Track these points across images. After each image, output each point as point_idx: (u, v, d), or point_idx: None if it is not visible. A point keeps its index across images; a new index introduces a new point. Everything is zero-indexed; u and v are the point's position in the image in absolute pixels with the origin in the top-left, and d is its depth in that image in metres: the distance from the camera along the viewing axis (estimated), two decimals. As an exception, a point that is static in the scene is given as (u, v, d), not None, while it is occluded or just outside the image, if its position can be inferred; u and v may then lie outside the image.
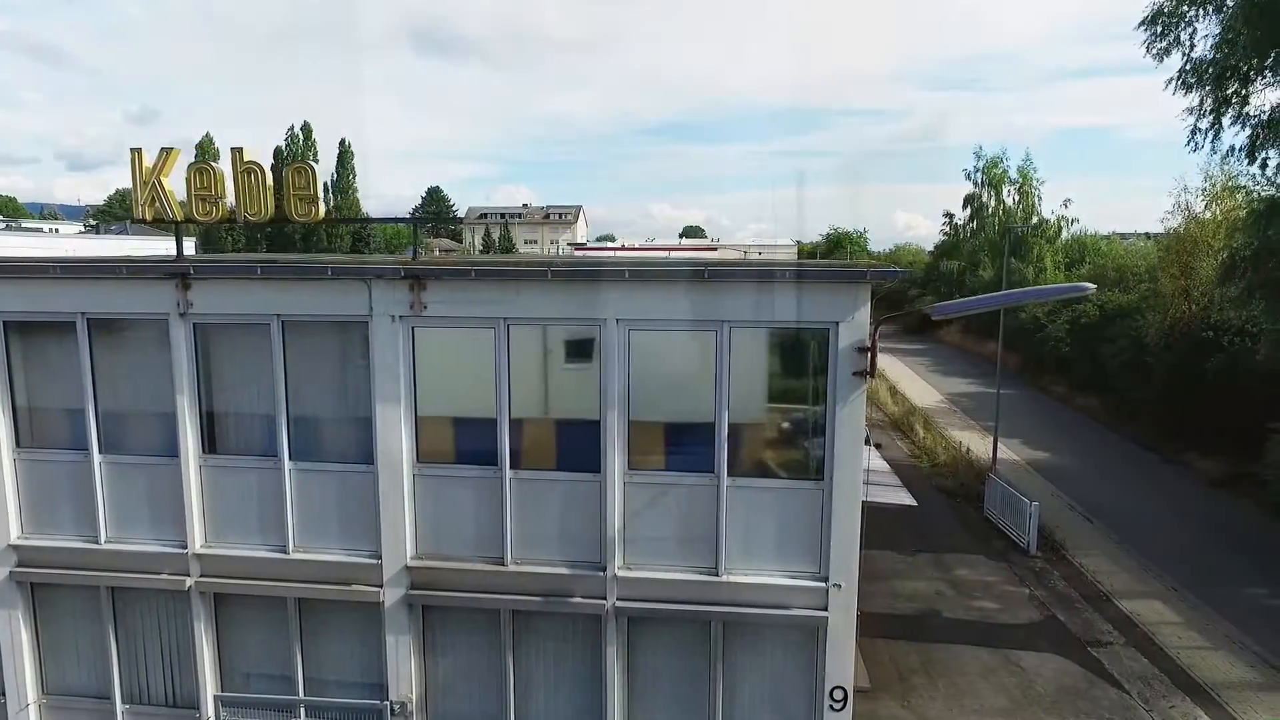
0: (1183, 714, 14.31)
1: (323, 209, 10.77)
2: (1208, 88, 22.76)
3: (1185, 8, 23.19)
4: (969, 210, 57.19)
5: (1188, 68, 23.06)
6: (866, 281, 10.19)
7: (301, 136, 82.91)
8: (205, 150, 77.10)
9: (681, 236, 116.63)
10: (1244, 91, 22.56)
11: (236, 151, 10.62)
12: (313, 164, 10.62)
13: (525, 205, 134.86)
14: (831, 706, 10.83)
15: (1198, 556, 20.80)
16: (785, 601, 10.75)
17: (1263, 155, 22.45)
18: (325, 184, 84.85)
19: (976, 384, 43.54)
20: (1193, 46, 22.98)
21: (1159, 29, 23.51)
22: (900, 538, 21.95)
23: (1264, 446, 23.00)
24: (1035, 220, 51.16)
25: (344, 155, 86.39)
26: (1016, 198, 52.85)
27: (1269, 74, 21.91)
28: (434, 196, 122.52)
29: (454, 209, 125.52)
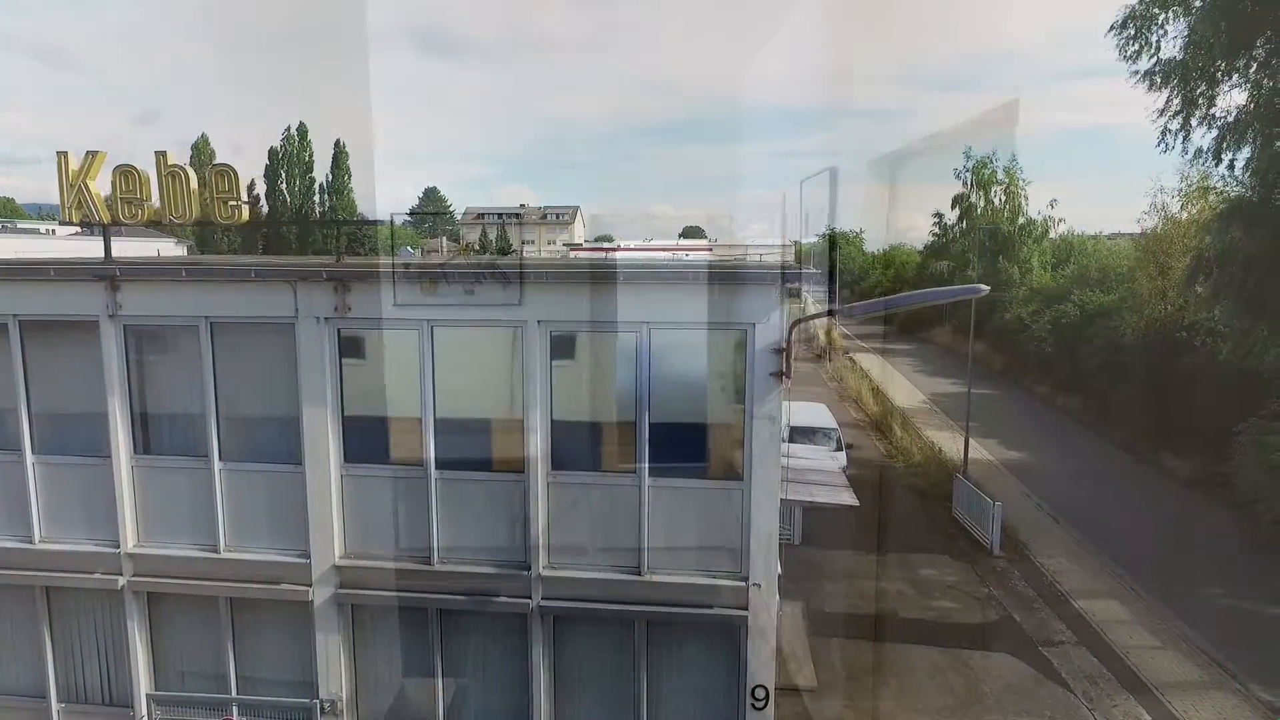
0: (1125, 713, 14.33)
1: (246, 212, 10.86)
2: (1174, 88, 22.86)
3: (1155, 10, 23.28)
4: (958, 211, 57.06)
5: (1155, 69, 23.17)
6: (781, 283, 10.26)
7: (297, 138, 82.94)
8: (201, 150, 77.41)
9: (681, 237, 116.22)
10: (1211, 93, 22.63)
11: (160, 155, 10.73)
12: (234, 168, 10.69)
13: (523, 206, 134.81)
14: (753, 705, 10.89)
15: (1160, 556, 20.77)
16: (706, 600, 10.81)
17: (1229, 157, 22.53)
18: (320, 185, 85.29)
19: (960, 384, 43.40)
20: (1159, 49, 23.12)
21: (1131, 33, 23.62)
22: (866, 538, 21.98)
23: (1231, 447, 22.99)
24: (1022, 220, 51.12)
25: (339, 156, 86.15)
26: (1004, 198, 52.75)
27: (1236, 75, 21.97)
28: (431, 197, 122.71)
29: (450, 209, 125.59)
